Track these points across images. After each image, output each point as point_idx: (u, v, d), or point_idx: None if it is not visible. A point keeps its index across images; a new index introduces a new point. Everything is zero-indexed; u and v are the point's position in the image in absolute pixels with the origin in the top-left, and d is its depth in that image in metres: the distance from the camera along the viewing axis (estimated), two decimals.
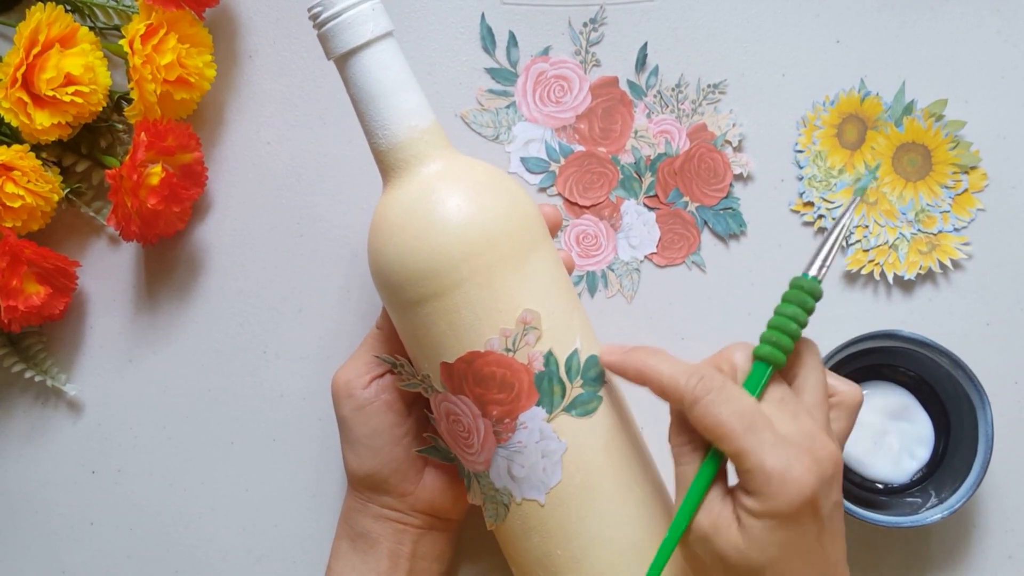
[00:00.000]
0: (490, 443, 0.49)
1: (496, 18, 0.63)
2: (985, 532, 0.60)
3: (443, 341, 0.48)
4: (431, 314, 0.48)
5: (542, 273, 0.49)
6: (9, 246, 0.56)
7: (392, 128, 0.49)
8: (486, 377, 0.48)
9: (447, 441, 0.52)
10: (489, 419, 0.49)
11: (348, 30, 0.48)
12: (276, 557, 0.62)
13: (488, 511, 0.51)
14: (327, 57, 0.50)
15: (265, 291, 0.63)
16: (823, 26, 0.63)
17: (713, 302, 0.62)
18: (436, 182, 0.49)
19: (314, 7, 0.49)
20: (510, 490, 0.50)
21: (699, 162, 0.62)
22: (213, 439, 0.63)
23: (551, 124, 0.63)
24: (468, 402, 0.49)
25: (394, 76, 0.49)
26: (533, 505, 0.49)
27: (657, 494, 0.51)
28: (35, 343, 0.63)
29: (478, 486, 0.51)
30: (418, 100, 0.50)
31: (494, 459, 0.49)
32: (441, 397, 0.50)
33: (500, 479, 0.50)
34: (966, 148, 0.62)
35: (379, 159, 0.50)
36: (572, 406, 0.49)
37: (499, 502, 0.50)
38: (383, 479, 0.54)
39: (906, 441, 0.58)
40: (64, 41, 0.57)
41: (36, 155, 0.58)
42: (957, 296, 0.61)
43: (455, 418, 0.50)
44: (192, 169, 0.60)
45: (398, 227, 0.48)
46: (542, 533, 0.50)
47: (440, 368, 0.49)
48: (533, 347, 0.48)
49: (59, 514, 0.63)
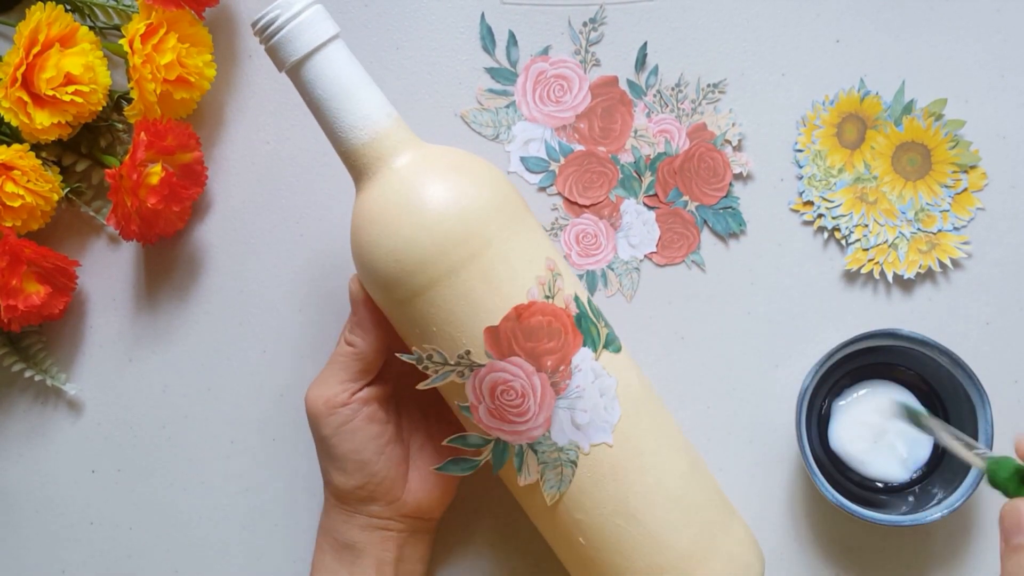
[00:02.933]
0: (549, 398, 0.49)
1: (496, 18, 0.63)
2: (985, 532, 0.60)
3: (483, 305, 0.48)
4: (462, 284, 0.48)
5: (538, 231, 0.52)
6: (9, 246, 0.56)
7: (359, 127, 0.50)
8: (535, 328, 0.49)
9: (487, 426, 0.50)
10: (545, 372, 0.49)
11: (302, 35, 0.49)
12: (276, 557, 0.62)
13: (548, 481, 0.51)
14: (280, 68, 0.50)
15: (265, 291, 0.63)
16: (823, 26, 0.63)
17: (713, 301, 0.62)
18: (420, 169, 0.50)
19: (260, 19, 0.49)
20: (576, 442, 0.50)
21: (699, 161, 0.62)
22: (213, 439, 0.63)
23: (551, 123, 0.63)
24: (520, 362, 0.49)
25: (352, 76, 0.50)
26: (602, 449, 0.50)
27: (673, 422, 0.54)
28: (35, 343, 0.63)
29: (534, 457, 0.51)
30: (379, 96, 0.51)
31: (555, 415, 0.50)
32: (485, 371, 0.49)
33: (564, 435, 0.50)
34: (966, 147, 0.62)
35: (349, 160, 0.51)
36: (608, 343, 0.51)
37: (564, 462, 0.50)
38: (372, 490, 0.54)
39: (906, 441, 0.58)
40: (64, 41, 0.58)
41: (36, 155, 0.58)
42: (957, 295, 0.61)
43: (505, 387, 0.49)
44: (192, 169, 0.60)
45: (392, 220, 0.49)
46: (615, 477, 0.50)
47: (484, 335, 0.49)
48: (565, 291, 0.50)
49: (59, 514, 0.63)
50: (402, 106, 0.63)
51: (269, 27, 0.49)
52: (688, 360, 0.62)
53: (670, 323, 0.62)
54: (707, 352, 0.62)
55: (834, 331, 0.61)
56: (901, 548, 0.60)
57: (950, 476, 0.57)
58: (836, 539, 0.60)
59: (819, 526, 0.60)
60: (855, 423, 0.58)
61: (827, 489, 0.55)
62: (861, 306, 0.61)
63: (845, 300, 0.62)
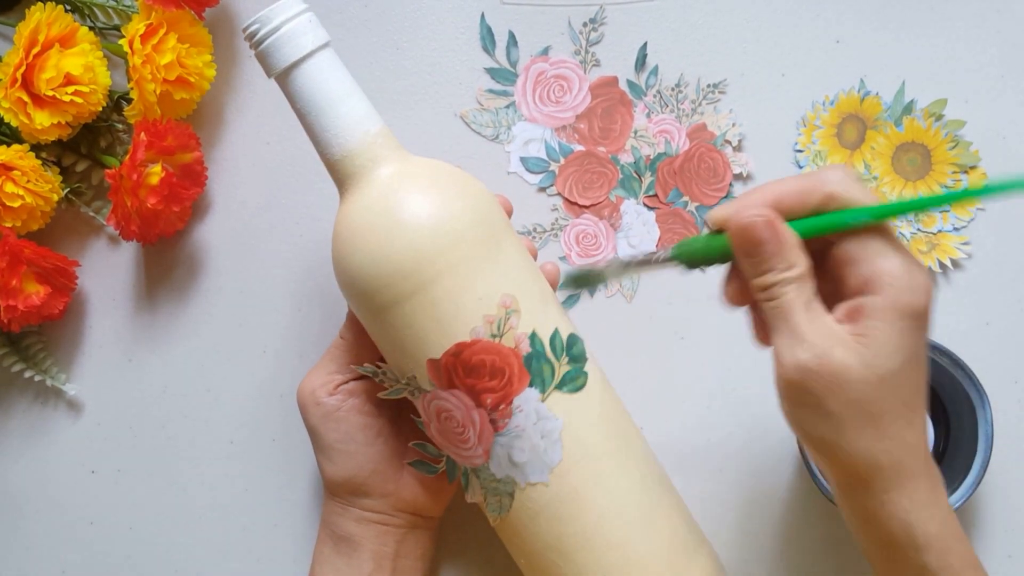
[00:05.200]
0: (487, 433, 0.49)
1: (496, 18, 0.63)
2: (985, 532, 0.60)
3: (427, 337, 0.48)
4: (411, 313, 0.48)
5: (513, 258, 0.50)
6: (9, 246, 0.56)
7: (345, 136, 0.50)
8: (476, 367, 0.48)
9: (438, 442, 0.52)
10: (484, 408, 0.49)
11: (290, 43, 0.49)
12: (276, 557, 0.62)
13: (491, 505, 0.51)
14: (268, 74, 0.50)
15: (265, 291, 0.63)
16: (823, 26, 0.63)
17: (713, 302, 0.62)
18: (399, 182, 0.49)
19: (250, 25, 0.49)
20: (513, 477, 0.50)
21: (699, 162, 0.62)
22: (213, 439, 0.63)
23: (551, 124, 0.63)
24: (460, 395, 0.49)
25: (341, 84, 0.50)
26: (538, 488, 0.49)
27: (650, 462, 0.52)
28: (35, 343, 0.63)
29: (477, 481, 0.51)
30: (366, 105, 0.50)
31: (493, 449, 0.49)
32: (430, 396, 0.50)
33: (501, 469, 0.50)
34: (965, 148, 0.62)
35: (334, 169, 0.51)
36: (563, 383, 0.50)
37: (502, 493, 0.50)
38: (362, 481, 0.54)
39: None
40: (64, 41, 0.57)
41: (36, 155, 0.58)
42: (957, 296, 0.61)
43: (447, 415, 0.50)
44: (192, 169, 0.60)
45: (367, 231, 0.48)
46: (549, 515, 0.50)
47: (427, 365, 0.49)
48: (517, 330, 0.49)
49: (59, 514, 0.63)
50: (402, 106, 0.64)
51: (257, 34, 0.49)
52: (688, 360, 0.62)
53: (670, 323, 0.62)
54: (707, 352, 0.62)
55: None
56: None
57: (950, 476, 0.57)
58: (836, 539, 0.60)
59: (819, 526, 0.60)
60: None
61: (827, 489, 0.55)
62: None
63: None
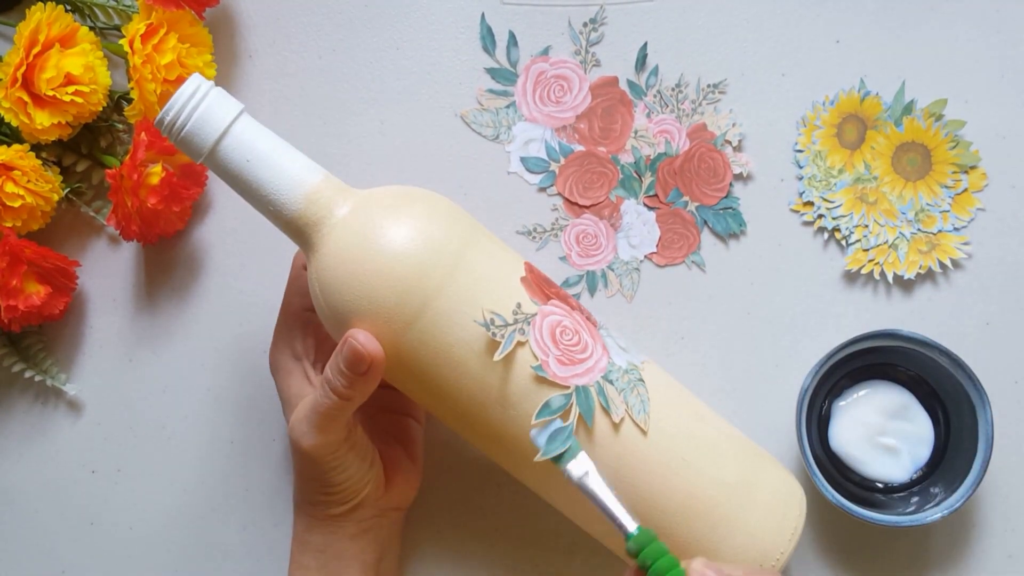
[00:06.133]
0: (592, 327, 0.53)
1: (496, 18, 0.63)
2: (985, 531, 0.60)
3: (496, 275, 0.51)
4: (467, 265, 0.50)
5: (499, 251, 0.53)
6: (9, 246, 0.56)
7: (294, 191, 0.49)
8: (544, 279, 0.53)
9: (561, 377, 0.50)
10: (576, 310, 0.53)
11: (210, 122, 0.48)
12: (276, 557, 0.62)
13: (635, 407, 0.51)
14: (195, 159, 0.49)
15: (265, 291, 0.63)
16: (823, 26, 0.63)
17: (713, 302, 0.62)
18: (364, 216, 0.50)
19: (163, 116, 0.48)
20: (632, 361, 0.53)
21: (699, 162, 0.62)
22: (213, 439, 0.63)
23: (551, 124, 0.63)
24: (558, 303, 0.52)
25: (273, 145, 0.50)
26: (650, 364, 0.54)
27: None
28: (35, 343, 0.63)
29: (613, 389, 0.51)
30: (303, 158, 0.51)
31: (605, 342, 0.53)
32: (540, 317, 0.50)
33: (621, 356, 0.53)
34: (966, 148, 0.62)
35: (288, 227, 0.50)
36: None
37: (635, 382, 0.52)
38: (363, 499, 0.54)
39: (906, 441, 0.58)
40: (64, 41, 0.58)
41: (36, 155, 0.58)
42: (957, 296, 0.61)
43: (562, 328, 0.51)
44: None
45: (357, 273, 0.48)
46: (672, 384, 0.55)
47: (523, 286, 0.51)
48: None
49: (59, 514, 0.63)
50: (402, 106, 0.64)
51: (173, 126, 0.48)
52: (688, 360, 0.62)
53: (670, 323, 0.62)
54: (707, 352, 0.62)
55: (834, 331, 0.61)
56: (901, 548, 0.60)
57: (950, 476, 0.57)
58: (836, 539, 0.60)
59: (819, 526, 0.60)
60: (855, 423, 0.58)
61: (827, 489, 0.55)
62: (861, 306, 0.61)
63: (845, 300, 0.62)
